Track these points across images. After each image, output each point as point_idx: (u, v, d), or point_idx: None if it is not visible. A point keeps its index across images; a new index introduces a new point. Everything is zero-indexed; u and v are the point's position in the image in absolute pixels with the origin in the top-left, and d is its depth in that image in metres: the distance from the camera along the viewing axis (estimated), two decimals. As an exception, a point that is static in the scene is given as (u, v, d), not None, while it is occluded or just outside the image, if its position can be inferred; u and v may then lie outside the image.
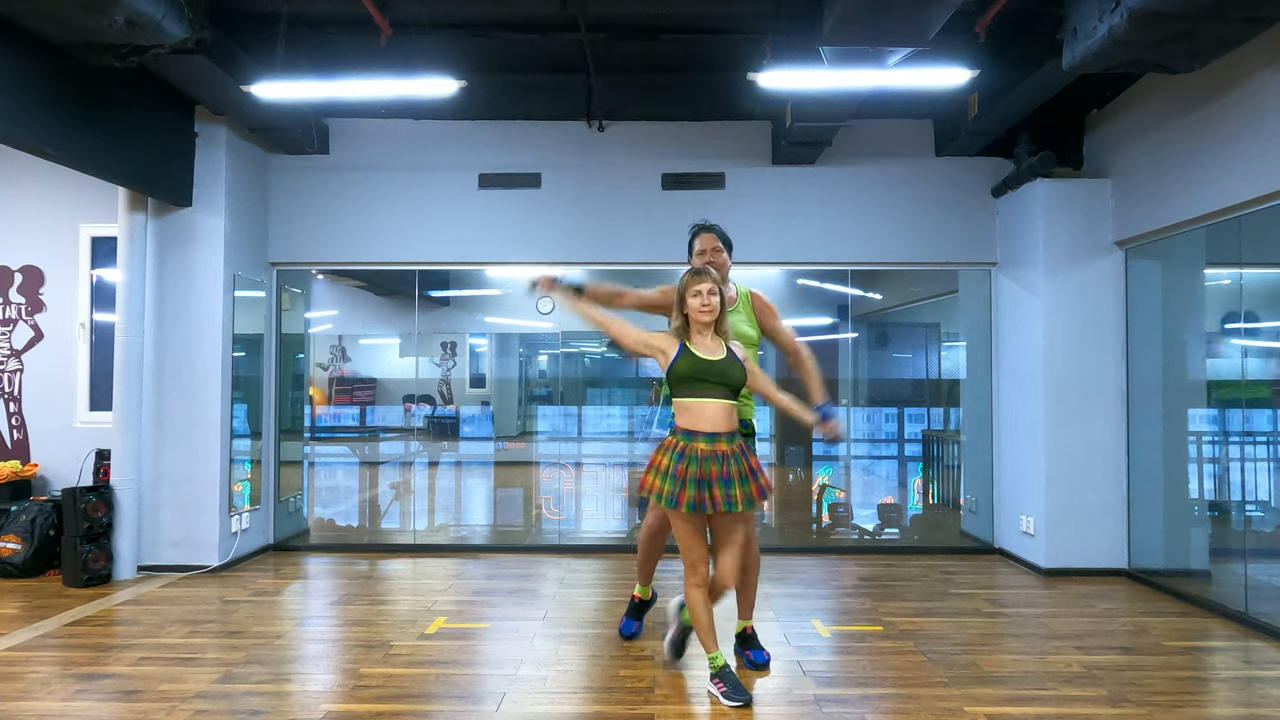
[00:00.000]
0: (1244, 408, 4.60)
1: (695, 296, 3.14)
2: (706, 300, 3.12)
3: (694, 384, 3.09)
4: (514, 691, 3.25)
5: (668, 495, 3.05)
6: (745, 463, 3.11)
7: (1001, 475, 5.87)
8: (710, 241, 3.62)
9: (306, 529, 6.40)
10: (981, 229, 5.94)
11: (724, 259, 3.59)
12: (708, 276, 3.16)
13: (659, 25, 4.98)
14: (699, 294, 3.14)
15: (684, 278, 3.21)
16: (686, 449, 3.07)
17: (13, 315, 5.69)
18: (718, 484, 3.03)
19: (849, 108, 4.88)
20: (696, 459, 3.04)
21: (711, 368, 3.08)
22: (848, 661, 3.63)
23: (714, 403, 3.09)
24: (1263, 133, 3.98)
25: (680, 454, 3.07)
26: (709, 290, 3.13)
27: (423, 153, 5.99)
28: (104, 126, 4.48)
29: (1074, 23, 3.86)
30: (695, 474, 3.02)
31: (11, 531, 5.07)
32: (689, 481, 3.02)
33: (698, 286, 3.15)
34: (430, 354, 7.61)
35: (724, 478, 3.03)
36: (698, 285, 3.15)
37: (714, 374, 3.08)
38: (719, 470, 3.03)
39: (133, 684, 3.31)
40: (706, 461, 3.04)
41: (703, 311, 3.12)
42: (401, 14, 4.67)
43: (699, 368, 3.08)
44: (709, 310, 3.12)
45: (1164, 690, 3.29)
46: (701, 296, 3.13)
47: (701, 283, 3.15)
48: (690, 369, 3.09)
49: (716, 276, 3.20)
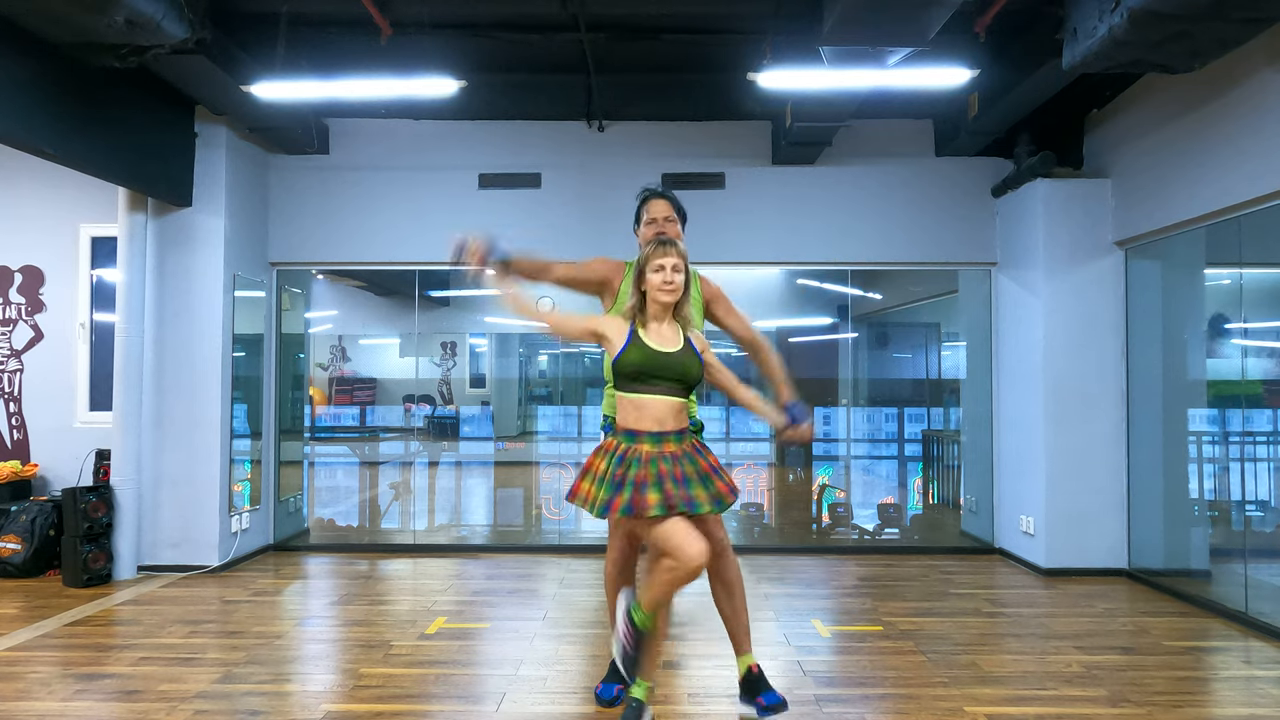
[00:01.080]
0: (1244, 407, 4.60)
1: (658, 272, 2.66)
2: (670, 277, 2.65)
3: (644, 379, 2.63)
4: (514, 691, 3.25)
5: (601, 501, 2.57)
6: (702, 461, 2.68)
7: (1001, 475, 5.87)
8: (663, 209, 3.11)
9: (306, 529, 6.40)
10: (981, 229, 5.94)
11: (677, 230, 3.10)
12: (674, 250, 2.68)
13: (659, 25, 4.98)
14: (661, 269, 2.66)
15: (645, 249, 2.73)
16: (629, 452, 2.61)
17: (13, 315, 5.69)
18: (671, 483, 2.56)
19: (849, 108, 4.88)
20: (639, 462, 2.58)
21: (666, 361, 2.63)
22: (848, 661, 3.63)
23: (664, 400, 2.63)
24: (1263, 133, 3.98)
25: (620, 457, 2.61)
26: (674, 266, 2.66)
27: (423, 153, 5.99)
28: (104, 126, 4.48)
29: (1074, 23, 3.86)
30: (640, 476, 2.56)
31: (11, 531, 5.07)
32: (640, 485, 2.54)
33: (661, 260, 2.66)
34: (430, 354, 7.61)
35: (678, 478, 2.58)
36: (661, 258, 2.67)
37: (668, 369, 2.63)
38: (670, 470, 2.58)
39: (133, 684, 3.31)
40: (654, 464, 2.58)
41: (664, 290, 2.65)
42: (401, 14, 4.67)
43: (651, 361, 2.62)
44: (671, 289, 2.65)
45: (1164, 690, 3.29)
46: (665, 272, 2.65)
47: (666, 255, 2.67)
48: (641, 361, 2.62)
49: (684, 250, 2.72)
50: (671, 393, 2.65)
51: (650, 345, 2.65)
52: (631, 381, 2.65)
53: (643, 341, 2.66)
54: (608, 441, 2.72)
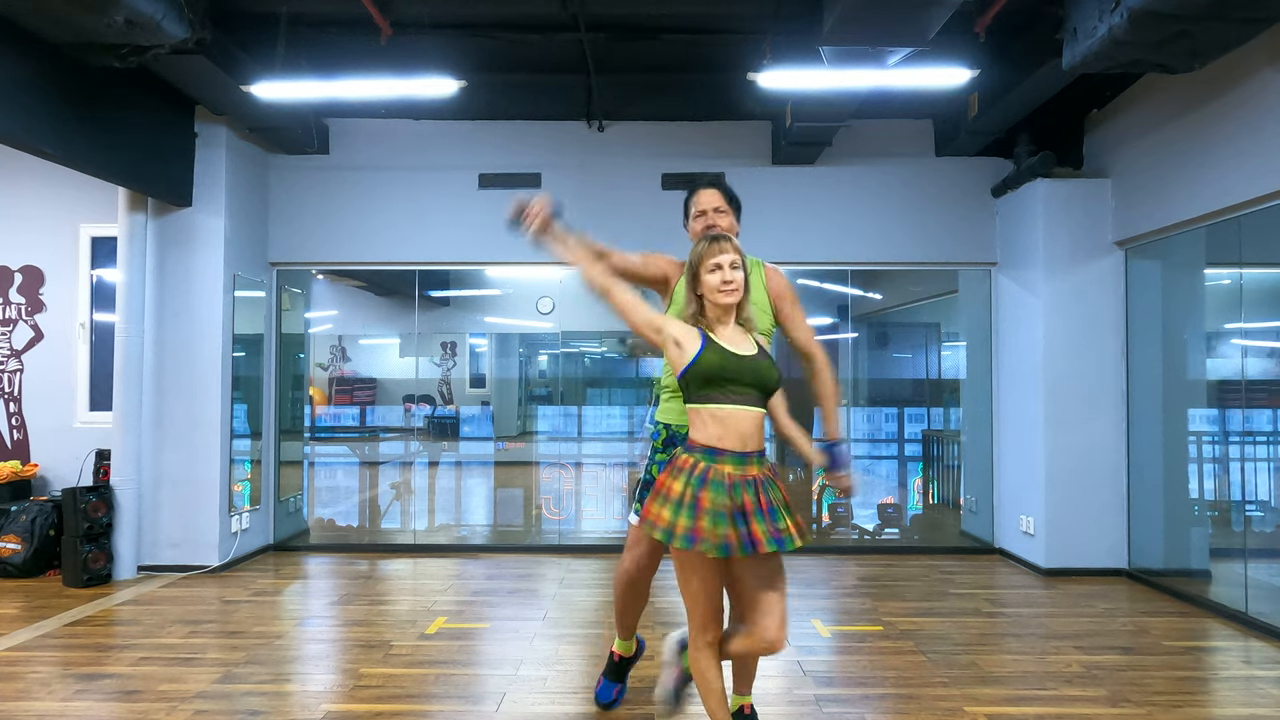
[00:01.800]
0: (1244, 406, 4.60)
1: (714, 272, 2.34)
2: (729, 276, 2.33)
3: (724, 386, 2.30)
4: (514, 691, 3.25)
5: (683, 532, 2.25)
6: (780, 489, 2.38)
7: (1001, 475, 5.87)
8: (713, 199, 2.81)
9: (306, 529, 6.40)
10: (981, 229, 5.94)
11: (730, 222, 2.81)
12: (728, 244, 2.37)
13: (659, 25, 4.98)
14: (718, 268, 2.34)
15: (697, 246, 2.41)
16: (710, 472, 2.29)
17: (13, 315, 5.69)
18: (756, 518, 2.25)
19: (849, 108, 4.88)
20: (724, 486, 2.27)
21: (746, 366, 2.32)
22: (848, 661, 3.63)
23: (747, 412, 2.32)
24: (1263, 133, 3.98)
25: (701, 479, 2.29)
26: (731, 263, 2.35)
27: (423, 153, 5.99)
28: (104, 126, 4.48)
29: (1074, 23, 3.86)
30: (723, 505, 2.24)
31: (11, 531, 5.07)
32: (716, 516, 2.24)
33: (716, 258, 2.34)
34: (430, 354, 7.61)
35: (763, 509, 2.28)
36: (716, 256, 2.35)
37: (748, 374, 2.32)
38: (754, 500, 2.27)
39: (133, 684, 3.31)
40: (738, 489, 2.27)
41: (724, 291, 2.33)
42: (401, 14, 4.67)
43: (732, 365, 2.31)
44: (732, 289, 2.34)
45: (1164, 690, 3.29)
46: (723, 271, 2.34)
47: (722, 252, 2.35)
48: (722, 366, 2.30)
49: (738, 245, 2.42)
50: (754, 403, 2.34)
51: (727, 348, 2.34)
52: (709, 390, 2.32)
53: (719, 345, 2.34)
54: (683, 459, 2.37)
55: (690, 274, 2.41)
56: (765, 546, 2.23)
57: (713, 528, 2.23)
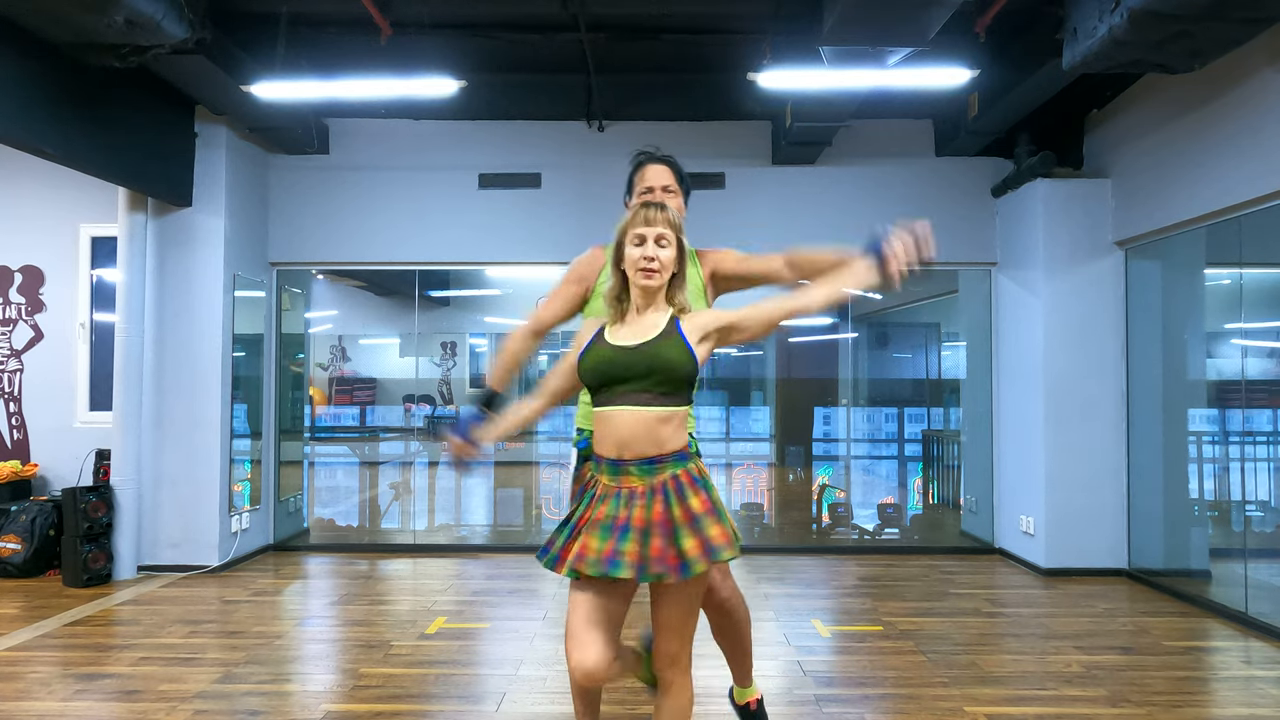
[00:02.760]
0: (1244, 406, 4.60)
1: (637, 245, 1.98)
2: (650, 252, 1.96)
3: (603, 385, 1.97)
4: (514, 691, 3.25)
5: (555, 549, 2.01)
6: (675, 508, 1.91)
7: (1001, 475, 5.87)
8: (662, 175, 2.44)
9: (306, 529, 6.40)
10: (981, 229, 5.94)
11: (678, 204, 2.44)
12: (659, 215, 1.99)
13: (659, 25, 4.98)
14: (641, 240, 1.98)
15: (626, 217, 2.05)
16: (592, 483, 2.03)
17: (13, 315, 5.69)
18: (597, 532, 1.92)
19: (849, 108, 4.88)
20: (590, 496, 2.01)
21: (629, 358, 1.94)
22: (848, 661, 3.63)
23: (627, 412, 1.93)
24: (1262, 133, 3.98)
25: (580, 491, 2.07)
26: (658, 237, 1.97)
27: (423, 153, 5.98)
28: (104, 126, 4.48)
29: (1074, 23, 3.86)
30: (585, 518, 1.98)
31: (11, 531, 5.07)
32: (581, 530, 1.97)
33: (640, 229, 1.98)
34: (430, 354, 7.61)
35: (613, 527, 1.91)
36: (640, 226, 1.98)
37: (634, 364, 1.93)
38: (615, 515, 1.92)
39: (133, 684, 3.31)
40: (598, 502, 1.97)
41: (642, 270, 1.97)
42: (401, 14, 4.67)
43: (609, 361, 1.95)
44: (653, 268, 1.96)
45: (1164, 690, 3.29)
46: (645, 245, 1.97)
47: (648, 223, 1.98)
48: (596, 364, 1.97)
49: (675, 215, 2.03)
50: (639, 401, 1.93)
51: (611, 342, 1.99)
52: (596, 394, 2.00)
53: (605, 341, 2.00)
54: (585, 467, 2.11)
55: (615, 245, 2.05)
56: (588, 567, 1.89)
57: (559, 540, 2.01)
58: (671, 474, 1.96)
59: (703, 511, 1.92)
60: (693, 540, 1.88)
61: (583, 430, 2.43)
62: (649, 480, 1.94)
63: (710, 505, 1.95)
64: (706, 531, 1.90)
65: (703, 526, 1.91)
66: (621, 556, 1.87)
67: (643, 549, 1.87)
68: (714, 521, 1.93)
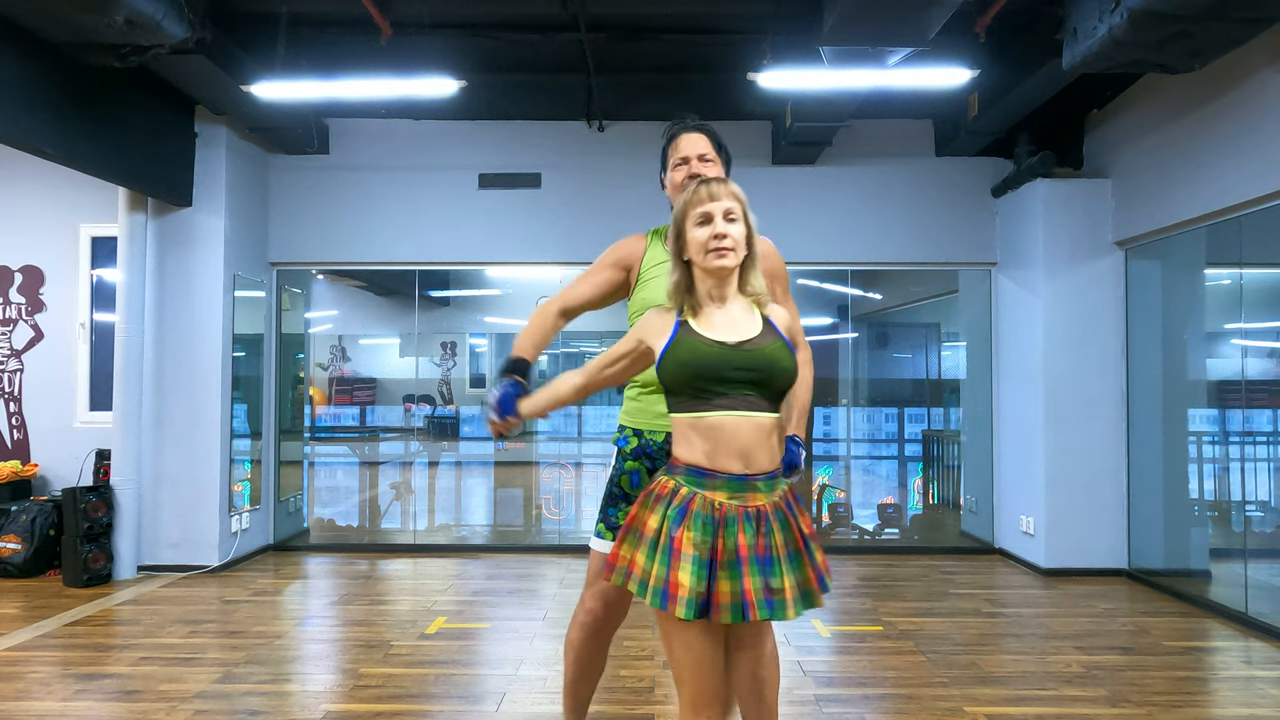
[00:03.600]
0: (1244, 406, 4.60)
1: (703, 225, 1.74)
2: (722, 229, 1.72)
3: (705, 387, 1.69)
4: (514, 691, 3.25)
5: (655, 584, 1.66)
6: (795, 527, 1.73)
7: (1001, 475, 5.87)
8: (698, 144, 2.22)
9: (306, 529, 6.40)
10: (981, 229, 5.94)
11: (718, 173, 2.23)
12: (724, 189, 1.76)
13: (659, 25, 4.98)
14: (707, 219, 1.74)
15: (682, 198, 1.80)
16: (695, 502, 1.68)
17: (13, 315, 5.69)
18: (750, 569, 1.65)
19: (849, 108, 4.88)
20: (712, 523, 1.66)
21: (739, 357, 1.69)
22: (848, 661, 3.63)
23: (745, 419, 1.68)
24: (1262, 133, 3.98)
25: (682, 510, 1.68)
26: (726, 213, 1.74)
27: (423, 153, 5.98)
28: (104, 126, 4.48)
29: (1074, 23, 3.86)
30: (708, 549, 1.65)
31: (11, 531, 5.07)
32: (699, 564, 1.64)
33: (705, 206, 1.74)
34: (430, 354, 7.61)
35: (761, 557, 1.66)
36: (705, 204, 1.74)
37: (744, 365, 1.69)
38: (752, 543, 1.66)
39: (133, 684, 3.31)
40: (731, 527, 1.66)
41: (715, 251, 1.72)
42: (401, 14, 4.67)
43: (713, 359, 1.69)
44: (728, 247, 1.72)
45: (1164, 690, 3.29)
46: (714, 224, 1.73)
47: (713, 198, 1.74)
48: (694, 361, 1.69)
49: (738, 191, 1.79)
50: (757, 407, 1.70)
51: (703, 335, 1.72)
52: (686, 395, 1.72)
53: (693, 331, 1.73)
54: (662, 482, 1.75)
55: (674, 232, 1.80)
56: (756, 612, 1.63)
57: (694, 582, 1.64)
58: (783, 490, 1.77)
59: (809, 534, 1.76)
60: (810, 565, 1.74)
61: (642, 432, 2.22)
62: (772, 497, 1.72)
63: (812, 528, 1.78)
64: (816, 557, 1.76)
65: (812, 551, 1.75)
66: (778, 595, 1.66)
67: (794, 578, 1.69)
68: (816, 547, 1.77)
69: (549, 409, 1.95)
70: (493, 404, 1.96)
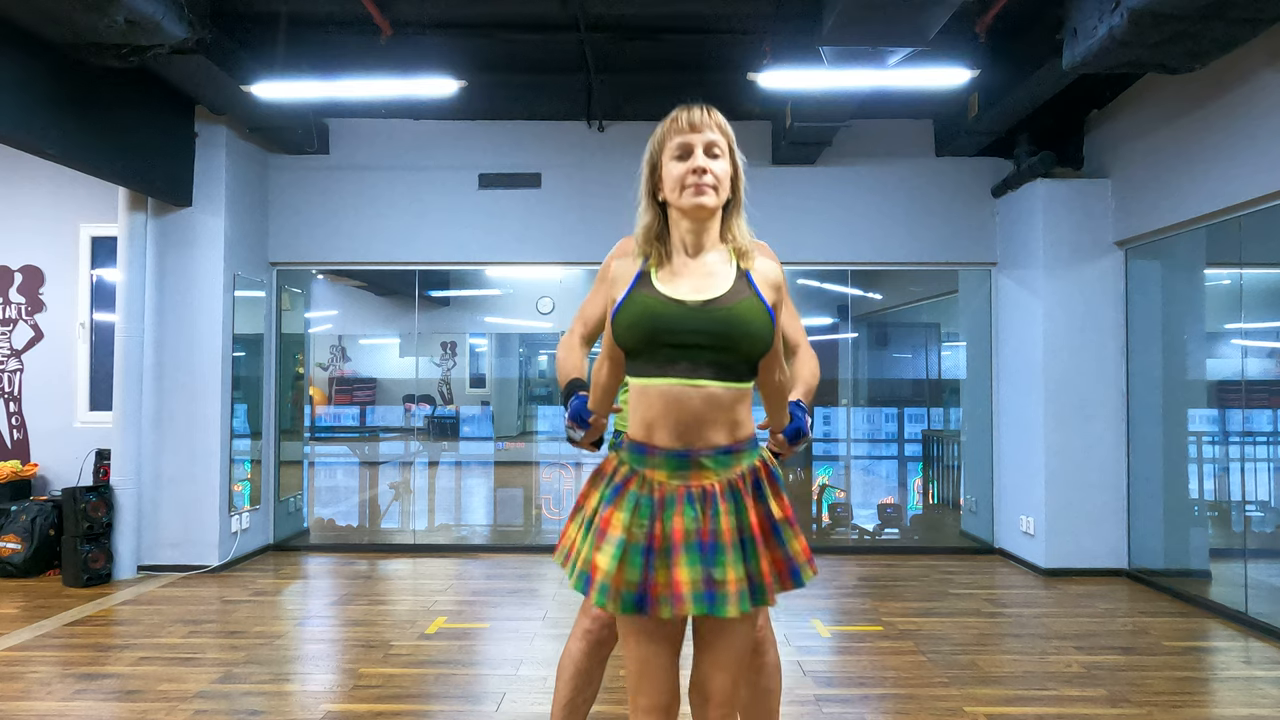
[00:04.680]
0: (1244, 407, 4.60)
1: (680, 159, 1.54)
2: (700, 163, 1.51)
3: (656, 352, 1.51)
4: (514, 691, 3.25)
5: (581, 566, 1.55)
6: (754, 510, 1.52)
7: (1001, 475, 5.87)
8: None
9: (306, 529, 6.40)
10: (981, 229, 5.93)
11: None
12: (707, 115, 1.57)
13: (659, 25, 4.98)
14: (686, 152, 1.54)
15: (660, 128, 1.63)
16: (633, 482, 1.54)
17: (13, 315, 5.69)
18: (685, 557, 1.46)
19: (849, 108, 4.88)
20: (650, 505, 1.51)
21: (693, 317, 1.50)
22: (848, 661, 3.63)
23: (696, 389, 1.48)
24: (1262, 133, 3.98)
25: (618, 489, 1.55)
26: (708, 145, 1.54)
27: (423, 153, 5.99)
28: (104, 126, 4.48)
29: (1074, 23, 3.86)
30: (644, 534, 1.49)
31: (11, 531, 5.07)
32: (630, 549, 1.49)
33: (685, 137, 1.54)
34: (430, 354, 7.61)
35: (706, 544, 1.47)
36: (685, 133, 1.55)
37: (701, 328, 1.49)
38: (693, 527, 1.48)
39: (133, 684, 3.31)
40: (670, 509, 1.49)
41: (693, 187, 1.51)
42: (401, 14, 4.67)
43: (665, 319, 1.50)
44: (707, 184, 1.51)
45: (1164, 690, 3.29)
46: (693, 157, 1.52)
47: (694, 127, 1.54)
48: (641, 319, 1.51)
49: (725, 123, 1.59)
50: (705, 374, 1.49)
51: (662, 293, 1.52)
52: (639, 357, 1.53)
53: (653, 286, 1.53)
54: (607, 459, 1.65)
55: (649, 166, 1.62)
56: (687, 606, 1.44)
57: (615, 567, 1.47)
58: (749, 465, 1.55)
59: (782, 518, 1.55)
60: (770, 556, 1.53)
61: (620, 433, 2.10)
62: (726, 474, 1.51)
63: (789, 509, 1.57)
64: (789, 545, 1.54)
65: (785, 539, 1.54)
66: (720, 588, 1.45)
67: (743, 569, 1.47)
68: (794, 533, 1.55)
69: (608, 399, 1.76)
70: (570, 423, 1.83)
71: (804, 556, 1.56)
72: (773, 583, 1.51)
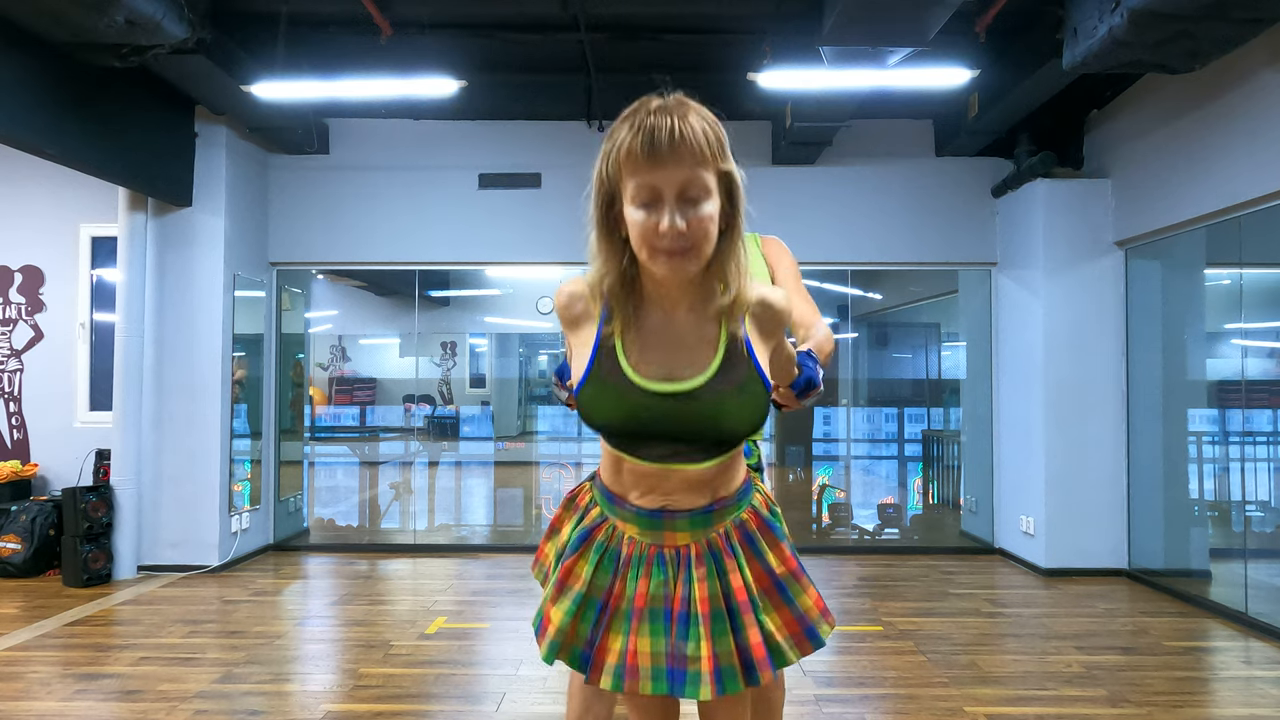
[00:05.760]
0: (1244, 406, 4.60)
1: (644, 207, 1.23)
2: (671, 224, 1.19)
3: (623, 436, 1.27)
4: (514, 691, 3.25)
5: (540, 607, 1.38)
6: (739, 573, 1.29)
7: (1001, 475, 5.87)
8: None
9: (306, 529, 6.40)
10: (981, 229, 5.93)
11: None
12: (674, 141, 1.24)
13: (659, 25, 4.98)
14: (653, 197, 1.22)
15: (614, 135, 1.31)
16: (600, 531, 1.35)
17: (13, 315, 5.69)
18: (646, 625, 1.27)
19: (849, 108, 4.88)
20: (615, 558, 1.32)
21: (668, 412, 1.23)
22: (848, 661, 3.63)
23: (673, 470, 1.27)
24: (1262, 133, 3.98)
25: (585, 534, 1.35)
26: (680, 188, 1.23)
27: (423, 153, 5.98)
28: (104, 126, 4.48)
29: (1074, 23, 3.86)
30: (603, 590, 1.31)
31: (11, 531, 5.07)
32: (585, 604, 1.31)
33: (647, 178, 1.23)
34: (430, 354, 7.61)
35: (675, 611, 1.26)
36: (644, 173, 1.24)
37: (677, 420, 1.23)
38: (659, 592, 1.28)
39: (133, 684, 3.31)
40: (636, 569, 1.30)
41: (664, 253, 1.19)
42: (401, 14, 4.67)
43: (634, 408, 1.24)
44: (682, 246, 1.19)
45: (1164, 690, 3.29)
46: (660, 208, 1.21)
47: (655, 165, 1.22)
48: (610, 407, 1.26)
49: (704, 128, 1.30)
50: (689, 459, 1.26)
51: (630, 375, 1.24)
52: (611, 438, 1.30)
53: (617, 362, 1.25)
54: (583, 488, 1.44)
55: (603, 194, 1.30)
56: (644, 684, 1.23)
57: (565, 621, 1.30)
58: (735, 519, 1.31)
59: (785, 572, 1.32)
60: (777, 617, 1.31)
61: None
62: (704, 533, 1.29)
63: (794, 560, 1.34)
64: (798, 602, 1.32)
65: (792, 595, 1.32)
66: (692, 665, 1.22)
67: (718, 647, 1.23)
68: (801, 587, 1.33)
69: None
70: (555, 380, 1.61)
71: (817, 611, 1.34)
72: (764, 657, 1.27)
